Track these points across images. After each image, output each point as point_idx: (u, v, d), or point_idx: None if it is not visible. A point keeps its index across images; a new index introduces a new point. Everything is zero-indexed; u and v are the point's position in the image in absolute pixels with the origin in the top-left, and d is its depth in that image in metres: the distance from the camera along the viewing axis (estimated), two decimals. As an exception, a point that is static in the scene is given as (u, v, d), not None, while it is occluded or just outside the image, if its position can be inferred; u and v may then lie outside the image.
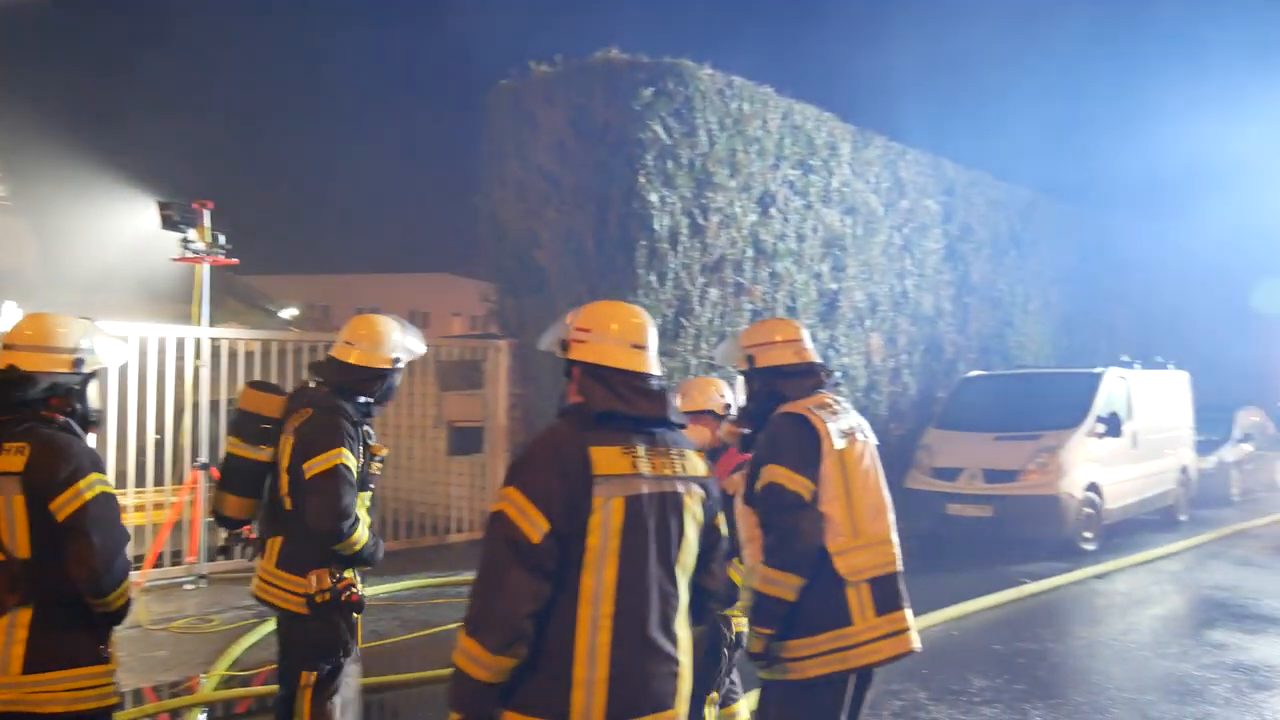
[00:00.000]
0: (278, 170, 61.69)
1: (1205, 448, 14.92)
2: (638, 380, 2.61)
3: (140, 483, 8.52)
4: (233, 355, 9.27)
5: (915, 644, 3.43)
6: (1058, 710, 5.82)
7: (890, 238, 13.96)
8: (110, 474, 3.61)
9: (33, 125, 19.25)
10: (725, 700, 4.27)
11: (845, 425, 3.49)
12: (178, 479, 8.81)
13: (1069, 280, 17.90)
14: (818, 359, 3.71)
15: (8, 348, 3.14)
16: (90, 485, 2.99)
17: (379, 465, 4.01)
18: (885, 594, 3.37)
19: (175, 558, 8.74)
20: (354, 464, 3.80)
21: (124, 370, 7.32)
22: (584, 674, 2.37)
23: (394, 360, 4.06)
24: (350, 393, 3.97)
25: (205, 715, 5.72)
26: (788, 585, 3.29)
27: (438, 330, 30.33)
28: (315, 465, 3.74)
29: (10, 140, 19.49)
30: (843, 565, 3.33)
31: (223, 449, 4.39)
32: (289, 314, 28.08)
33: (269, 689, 4.95)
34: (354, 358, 4.00)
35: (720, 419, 4.50)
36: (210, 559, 8.61)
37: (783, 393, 3.56)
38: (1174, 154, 21.04)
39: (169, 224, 8.68)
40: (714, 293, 11.18)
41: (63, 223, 18.96)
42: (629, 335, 2.67)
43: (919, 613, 7.52)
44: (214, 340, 9.13)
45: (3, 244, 18.84)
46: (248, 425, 4.02)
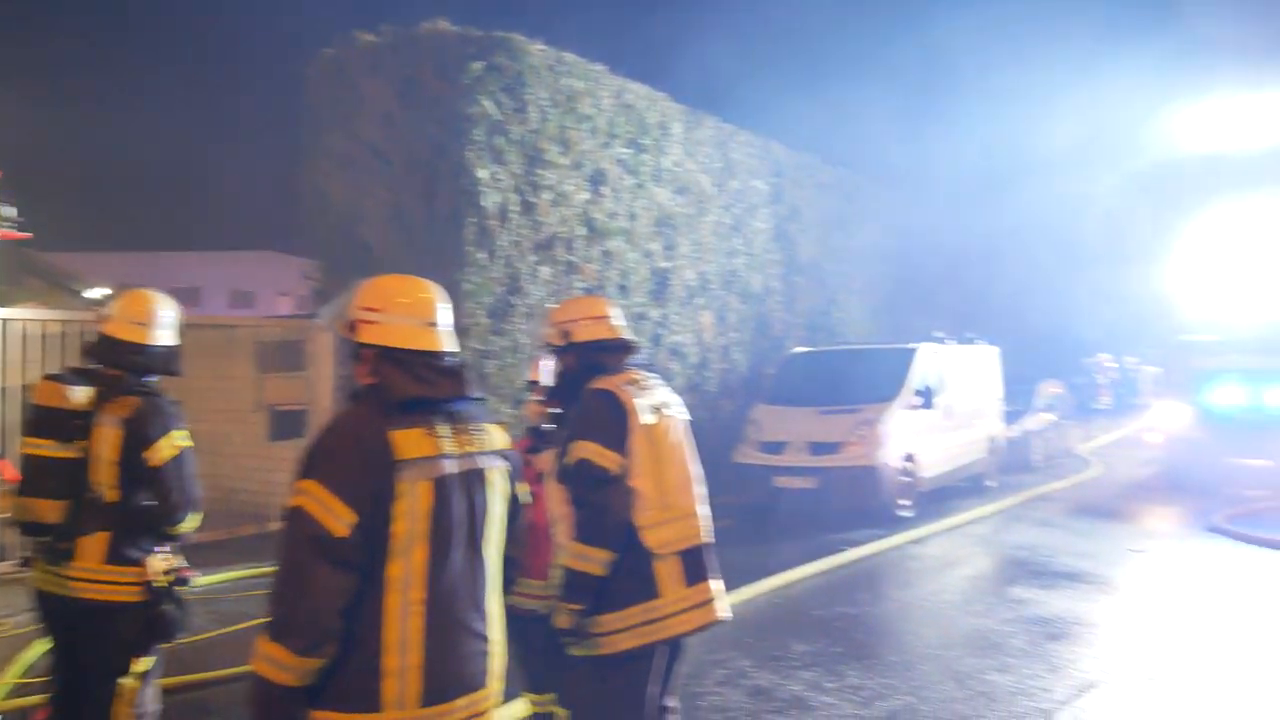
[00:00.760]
0: (85, 142, 57.90)
1: (1011, 417, 15.86)
2: (435, 359, 2.55)
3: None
4: (32, 337, 8.63)
5: (723, 613, 3.51)
6: (871, 669, 6.08)
7: (721, 217, 14.23)
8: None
9: None
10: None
11: (654, 401, 3.53)
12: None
13: (890, 260, 18.70)
14: (630, 335, 3.73)
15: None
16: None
17: None
18: (693, 566, 3.44)
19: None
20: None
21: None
22: (396, 663, 2.32)
23: (175, 336, 4.03)
24: (144, 373, 3.84)
25: (-7, 723, 5.33)
26: (598, 560, 3.31)
27: (264, 311, 29.13)
28: (160, 452, 3.72)
29: None
30: (652, 539, 3.38)
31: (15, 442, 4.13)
32: (98, 294, 26.42)
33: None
34: (145, 337, 3.86)
35: None
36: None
37: (601, 367, 3.57)
38: (983, 144, 22.22)
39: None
40: (545, 271, 11.14)
41: None
42: (420, 312, 2.59)
43: (747, 582, 7.85)
44: (4, 320, 8.48)
45: None
46: (56, 423, 3.78)
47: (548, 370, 3.80)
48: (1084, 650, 6.50)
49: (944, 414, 12.66)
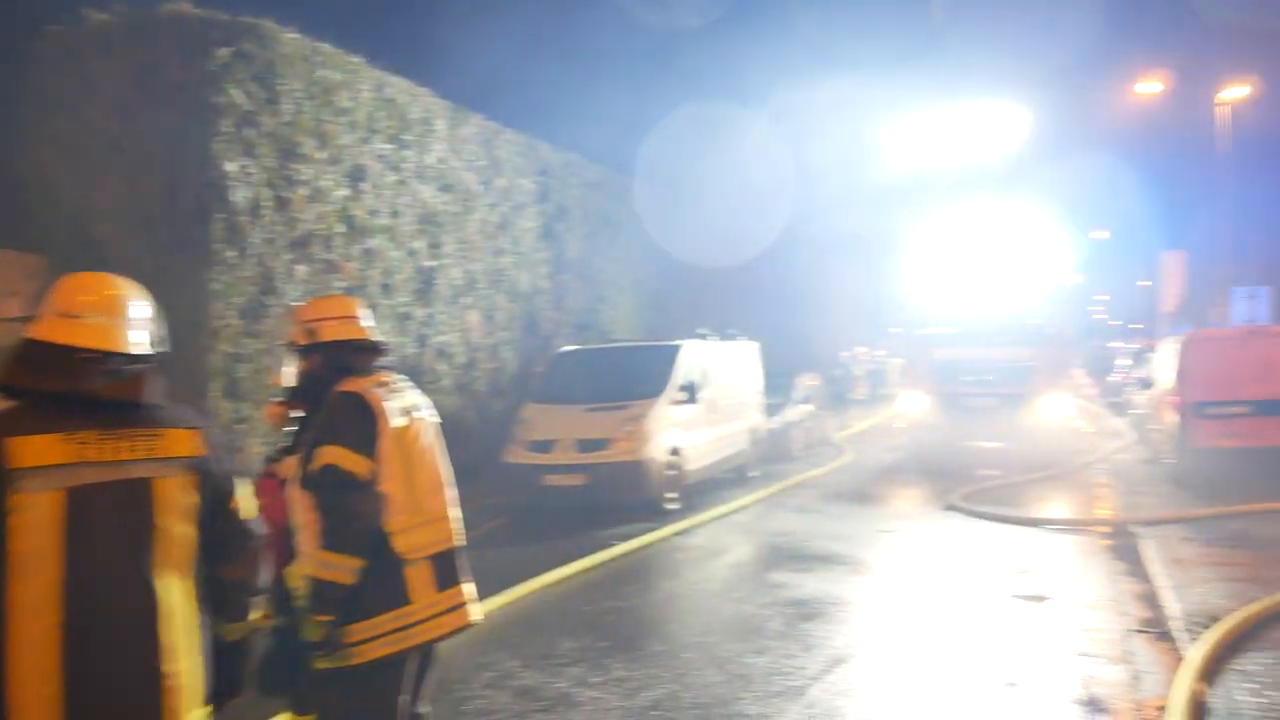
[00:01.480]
0: None
1: (772, 409, 16.61)
2: (83, 356, 2.30)
3: None
4: None
5: (475, 617, 3.46)
6: (636, 661, 6.19)
7: (487, 215, 14.10)
8: None
9: None
10: None
11: (404, 403, 3.44)
12: None
13: (658, 259, 19.15)
14: (378, 336, 3.62)
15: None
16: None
17: None
18: (445, 570, 3.38)
19: None
20: None
21: None
22: (27, 696, 2.09)
23: None
24: None
25: None
26: (346, 568, 3.19)
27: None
28: None
29: None
30: (402, 544, 3.30)
31: None
32: None
33: None
34: None
35: None
36: None
37: (350, 367, 3.44)
38: (745, 149, 23.22)
39: None
40: (302, 269, 10.65)
41: None
42: (66, 305, 2.36)
43: (517, 582, 7.80)
44: None
45: None
46: None
47: (289, 372, 3.61)
48: (836, 628, 6.88)
49: (708, 408, 13.08)
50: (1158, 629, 6.67)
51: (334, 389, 3.38)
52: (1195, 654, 5.64)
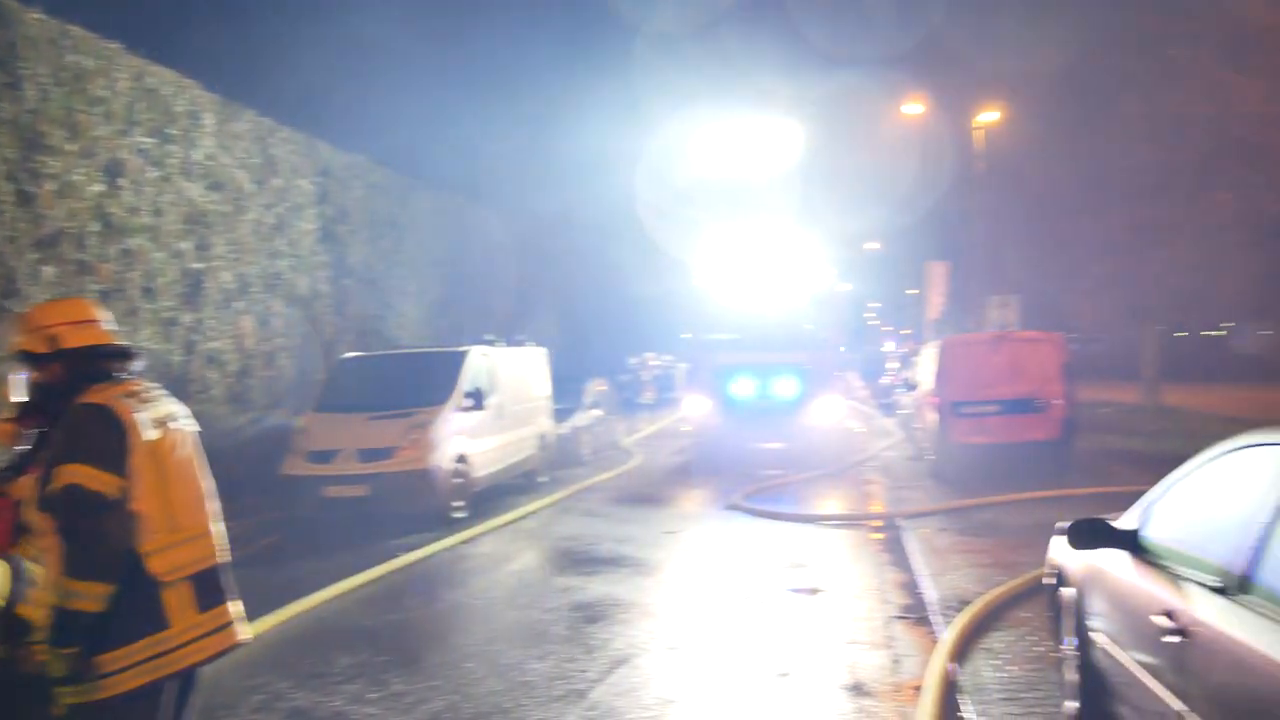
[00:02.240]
0: None
1: (562, 415, 16.69)
2: None
3: None
4: None
5: (243, 636, 3.29)
6: (416, 674, 6.06)
7: (262, 216, 13.48)
8: None
9: None
10: None
11: (157, 414, 3.21)
12: None
13: (445, 264, 18.86)
14: (123, 341, 3.37)
15: None
16: None
17: None
18: (207, 589, 3.19)
19: None
20: None
21: None
22: None
23: None
24: None
25: None
26: (94, 595, 2.94)
27: None
28: None
29: None
30: (159, 564, 3.08)
31: None
32: None
33: None
34: None
35: None
36: None
37: (93, 377, 3.18)
38: (535, 156, 23.27)
39: None
40: (49, 270, 9.83)
41: None
42: None
43: (292, 600, 7.47)
44: None
45: None
46: None
47: (19, 383, 3.30)
48: (619, 629, 6.97)
49: (495, 414, 12.98)
50: (916, 614, 7.15)
51: (75, 401, 3.12)
52: (947, 636, 6.10)
